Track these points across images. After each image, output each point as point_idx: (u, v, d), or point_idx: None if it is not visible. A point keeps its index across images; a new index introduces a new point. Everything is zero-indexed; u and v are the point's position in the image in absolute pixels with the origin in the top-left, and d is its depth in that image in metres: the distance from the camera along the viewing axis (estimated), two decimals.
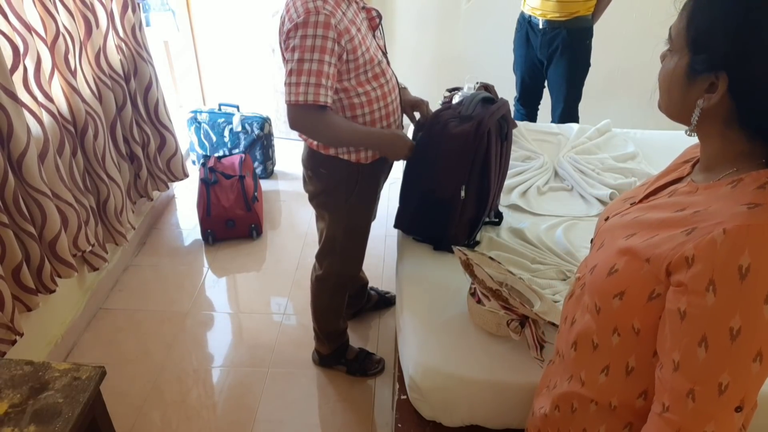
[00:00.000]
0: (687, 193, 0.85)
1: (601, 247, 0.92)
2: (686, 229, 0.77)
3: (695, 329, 0.74)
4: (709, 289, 0.72)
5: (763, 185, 0.75)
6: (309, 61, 1.52)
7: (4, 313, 1.72)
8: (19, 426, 1.13)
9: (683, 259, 0.74)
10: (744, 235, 0.70)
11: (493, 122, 1.76)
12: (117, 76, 2.32)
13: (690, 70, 0.79)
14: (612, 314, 0.86)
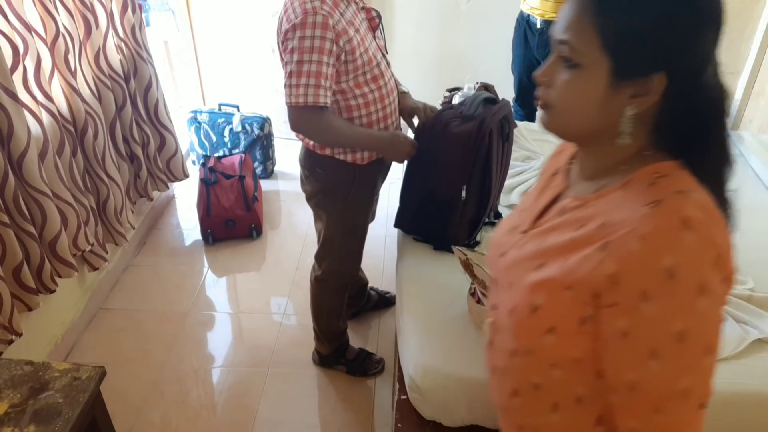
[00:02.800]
0: (578, 208, 0.81)
1: (511, 286, 0.85)
2: (598, 245, 0.72)
3: (641, 344, 0.70)
4: (642, 300, 0.69)
5: (653, 181, 0.73)
6: (308, 62, 1.52)
7: (2, 313, 1.72)
8: (19, 426, 1.13)
9: (607, 278, 0.71)
10: (659, 235, 0.68)
11: (495, 122, 1.76)
12: (117, 76, 2.32)
13: (614, 79, 0.72)
14: (547, 351, 0.80)
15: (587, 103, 0.75)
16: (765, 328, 1.67)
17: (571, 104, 0.76)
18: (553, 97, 0.77)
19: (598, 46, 0.71)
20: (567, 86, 0.75)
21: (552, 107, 0.78)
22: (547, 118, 0.80)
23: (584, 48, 0.72)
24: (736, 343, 1.63)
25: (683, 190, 0.71)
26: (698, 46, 0.71)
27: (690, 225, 0.67)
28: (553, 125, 0.80)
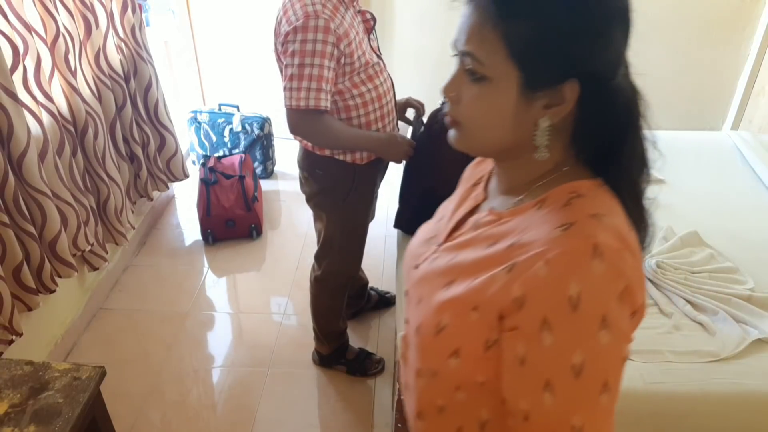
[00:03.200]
0: (492, 224, 0.77)
1: (420, 302, 0.80)
2: (506, 266, 0.68)
3: (537, 374, 0.66)
4: (543, 328, 0.64)
5: (568, 201, 0.69)
6: (310, 65, 1.52)
7: (2, 313, 1.72)
8: (19, 426, 1.13)
9: (512, 301, 0.66)
10: (567, 261, 0.63)
11: None
12: (117, 76, 2.32)
13: (525, 90, 0.68)
14: (451, 374, 0.76)
15: (499, 117, 0.70)
16: (765, 328, 1.67)
17: (482, 120, 0.71)
18: (462, 114, 0.72)
19: (504, 57, 0.66)
20: (475, 101, 0.70)
21: (462, 124, 0.73)
22: (457, 136, 0.75)
23: (490, 59, 0.67)
24: (736, 343, 1.63)
25: (598, 214, 0.67)
26: (608, 49, 0.68)
27: (600, 253, 0.63)
28: (465, 144, 0.75)
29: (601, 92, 0.68)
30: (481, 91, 0.69)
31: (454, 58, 0.73)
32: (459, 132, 0.74)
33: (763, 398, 1.51)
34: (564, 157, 0.74)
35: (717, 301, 1.77)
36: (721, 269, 1.92)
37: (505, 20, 0.66)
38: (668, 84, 3.59)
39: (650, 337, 1.66)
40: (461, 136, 0.75)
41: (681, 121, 3.54)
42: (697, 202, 2.28)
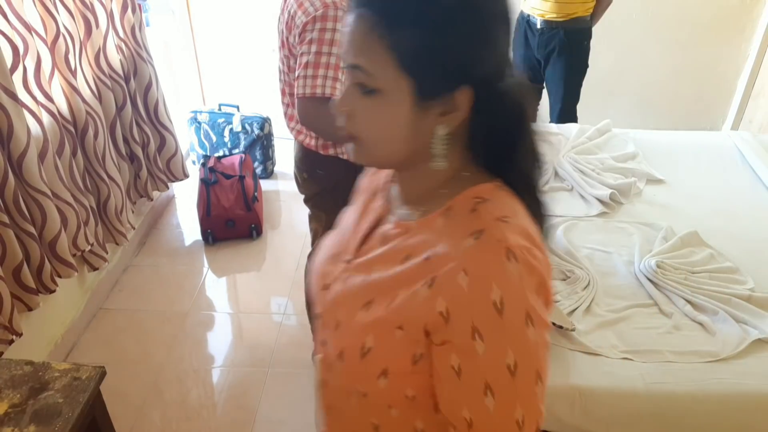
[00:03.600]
0: (401, 236, 0.76)
1: (339, 326, 0.78)
2: (425, 281, 0.69)
3: (476, 381, 0.68)
4: (475, 337, 0.66)
5: (474, 207, 0.71)
6: (327, 54, 1.53)
7: (2, 313, 1.72)
8: (19, 426, 1.13)
9: (438, 315, 0.67)
10: (485, 269, 0.66)
11: None
12: (117, 76, 2.32)
13: (418, 99, 0.67)
14: (381, 394, 0.76)
15: (394, 129, 0.70)
16: (765, 328, 1.67)
17: (378, 133, 0.71)
18: (358, 129, 0.71)
19: (394, 67, 0.65)
20: (369, 115, 0.69)
21: (359, 139, 0.72)
22: (356, 150, 0.74)
23: (379, 71, 0.66)
24: (736, 343, 1.63)
25: (504, 217, 0.69)
26: (495, 52, 0.68)
27: (513, 255, 0.66)
28: (364, 158, 0.75)
29: (492, 95, 0.68)
30: (374, 104, 0.68)
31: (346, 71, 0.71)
32: (357, 146, 0.73)
33: (763, 398, 1.51)
34: (462, 162, 0.74)
35: (717, 301, 1.77)
36: (721, 269, 1.92)
37: (390, 30, 0.64)
38: (668, 84, 3.59)
39: (650, 337, 1.66)
40: (360, 150, 0.73)
41: (681, 121, 3.54)
42: (697, 202, 2.28)
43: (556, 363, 1.56)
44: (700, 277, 1.87)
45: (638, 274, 1.89)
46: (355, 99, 0.69)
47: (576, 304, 1.75)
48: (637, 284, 1.86)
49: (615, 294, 1.83)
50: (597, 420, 1.53)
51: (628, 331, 1.68)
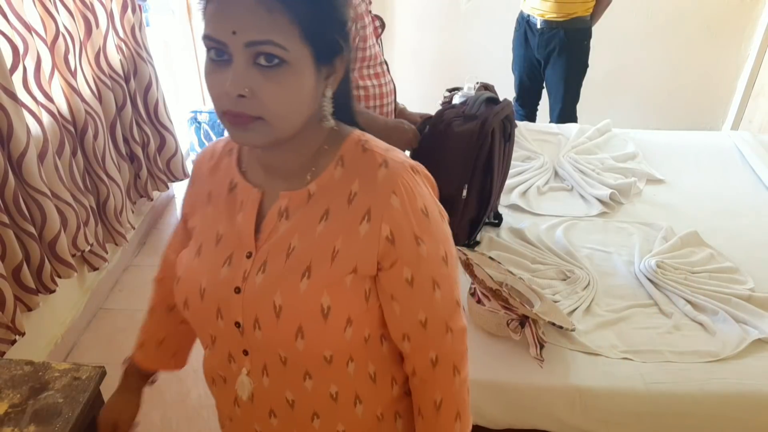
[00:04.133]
0: (304, 203, 0.80)
1: (281, 311, 0.78)
2: (360, 217, 0.77)
3: (426, 281, 0.80)
4: (419, 243, 0.78)
5: (364, 148, 0.80)
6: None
7: (5, 313, 1.72)
8: (19, 426, 1.13)
9: (385, 241, 0.77)
10: (406, 186, 0.77)
11: (498, 122, 1.76)
12: (117, 76, 2.32)
13: (317, 66, 0.73)
14: (347, 347, 0.81)
15: (302, 98, 0.73)
16: (765, 328, 1.67)
17: (288, 106, 0.72)
18: (263, 107, 0.70)
19: (298, 38, 0.69)
20: (276, 89, 0.70)
21: (264, 118, 0.71)
22: (259, 132, 0.72)
23: (288, 42, 0.69)
24: (736, 343, 1.63)
25: (388, 148, 0.81)
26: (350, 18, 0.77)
27: (416, 170, 0.81)
28: (270, 136, 0.73)
29: (348, 51, 0.77)
30: (280, 77, 0.70)
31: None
32: (262, 127, 0.72)
33: (763, 398, 1.51)
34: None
35: (717, 301, 1.77)
36: (721, 269, 1.92)
37: (292, 3, 0.68)
38: (668, 84, 3.59)
39: (650, 337, 1.66)
40: (266, 130, 0.72)
41: (681, 121, 3.54)
42: (697, 202, 2.28)
43: (556, 363, 1.56)
44: (700, 277, 1.87)
45: (638, 274, 1.89)
46: (254, 76, 0.69)
47: (576, 304, 1.75)
48: (637, 284, 1.86)
49: (615, 294, 1.83)
50: (597, 420, 1.53)
51: (628, 331, 1.68)
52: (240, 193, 0.85)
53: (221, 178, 0.87)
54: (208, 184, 0.89)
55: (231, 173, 0.86)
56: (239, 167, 0.86)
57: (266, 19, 0.68)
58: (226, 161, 0.88)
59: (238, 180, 0.85)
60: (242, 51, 0.69)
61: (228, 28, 0.68)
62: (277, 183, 0.82)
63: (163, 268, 1.06)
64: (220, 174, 0.88)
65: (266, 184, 0.83)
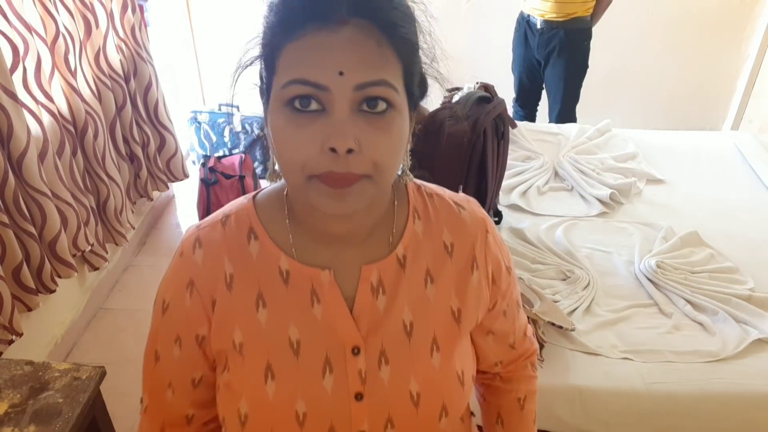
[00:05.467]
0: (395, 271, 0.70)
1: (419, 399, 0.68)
2: (465, 268, 0.73)
3: (514, 307, 0.80)
4: (509, 272, 0.78)
5: (424, 194, 0.76)
6: None
7: (3, 313, 1.72)
8: (19, 426, 1.13)
9: (492, 283, 0.75)
10: (488, 218, 0.77)
11: (489, 121, 1.76)
12: (117, 76, 2.31)
13: (410, 112, 0.63)
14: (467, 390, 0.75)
15: (404, 148, 0.64)
16: (765, 328, 1.67)
17: (396, 159, 0.62)
18: (372, 163, 0.58)
19: (401, 77, 0.59)
20: (389, 139, 0.59)
21: (372, 176, 0.59)
22: (363, 194, 0.59)
23: (397, 82, 0.59)
24: (736, 343, 1.63)
25: (437, 186, 0.79)
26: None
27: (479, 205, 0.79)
28: (372, 197, 0.61)
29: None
30: (390, 125, 0.59)
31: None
32: (367, 187, 0.59)
33: (763, 398, 1.51)
34: None
35: (717, 301, 1.77)
36: (721, 269, 1.92)
37: (395, 40, 0.58)
38: (668, 84, 3.59)
39: (650, 337, 1.66)
40: (370, 190, 0.60)
41: (681, 121, 3.54)
42: (697, 202, 2.28)
43: (556, 363, 1.56)
44: (700, 277, 1.87)
45: (638, 274, 1.89)
46: (360, 126, 0.57)
47: (576, 304, 1.75)
48: (637, 284, 1.86)
49: (615, 294, 1.83)
50: (597, 420, 1.53)
51: (628, 331, 1.68)
52: (301, 282, 0.69)
53: (257, 271, 0.70)
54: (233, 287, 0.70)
55: (273, 259, 0.70)
56: (281, 249, 0.70)
57: (377, 55, 0.57)
58: (251, 248, 0.70)
59: (289, 266, 0.69)
60: (349, 96, 0.56)
61: (332, 68, 0.55)
62: (348, 256, 0.69)
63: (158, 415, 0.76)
64: (253, 268, 0.70)
65: (332, 260, 0.69)
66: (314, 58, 0.56)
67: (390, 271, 0.70)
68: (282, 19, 0.58)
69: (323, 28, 0.55)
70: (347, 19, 0.56)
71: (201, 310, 0.71)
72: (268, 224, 0.72)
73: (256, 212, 0.74)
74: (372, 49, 0.56)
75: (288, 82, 0.57)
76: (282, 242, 0.70)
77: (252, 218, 0.73)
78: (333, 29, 0.55)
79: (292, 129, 0.58)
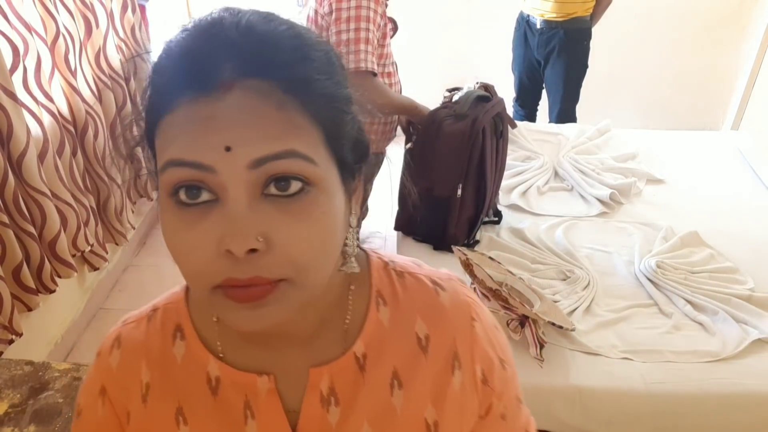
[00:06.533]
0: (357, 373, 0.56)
1: None
2: (448, 367, 0.57)
3: (513, 405, 0.64)
4: (504, 367, 0.61)
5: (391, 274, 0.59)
6: (365, 30, 1.60)
7: (3, 313, 1.72)
8: (19, 426, 1.13)
9: (481, 384, 0.59)
10: (476, 301, 0.61)
11: (488, 120, 1.77)
12: (117, 76, 2.32)
13: (343, 185, 0.49)
14: None
15: (336, 235, 0.48)
16: (765, 328, 1.67)
17: (323, 252, 0.47)
18: (288, 262, 0.44)
19: (323, 143, 0.46)
20: (309, 227, 0.45)
21: (290, 278, 0.45)
22: (284, 303, 0.46)
23: (314, 152, 0.45)
24: (736, 343, 1.63)
25: (414, 261, 0.63)
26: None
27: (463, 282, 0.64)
28: (297, 303, 0.47)
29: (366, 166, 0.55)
30: (310, 208, 0.45)
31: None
32: (288, 292, 0.46)
33: (763, 398, 1.51)
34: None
35: (717, 301, 1.77)
36: (721, 269, 1.92)
37: (308, 97, 0.45)
38: (668, 84, 3.59)
39: (650, 337, 1.66)
40: (293, 296, 0.46)
41: (681, 121, 3.54)
42: (697, 202, 2.28)
43: (556, 363, 1.56)
44: (700, 277, 1.87)
45: (638, 274, 1.89)
46: (266, 215, 0.43)
47: (576, 304, 1.75)
48: (637, 284, 1.86)
49: (615, 294, 1.83)
50: (597, 420, 1.53)
51: (628, 331, 1.69)
52: (232, 392, 0.57)
53: (180, 380, 0.58)
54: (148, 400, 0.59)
55: (199, 364, 0.58)
56: (210, 351, 0.58)
57: (279, 121, 0.43)
58: (176, 350, 0.58)
59: (219, 371, 0.57)
60: (244, 178, 0.43)
61: (216, 143, 0.42)
62: (292, 357, 0.56)
63: None
64: (174, 375, 0.58)
65: (272, 364, 0.57)
66: (193, 133, 0.43)
67: (345, 375, 0.56)
68: (156, 88, 0.47)
69: (202, 96, 0.43)
70: (233, 83, 0.43)
71: (114, 423, 0.60)
72: (199, 321, 0.59)
73: (187, 305, 0.60)
74: (271, 116, 0.43)
75: (164, 165, 0.44)
76: (212, 343, 0.58)
77: (181, 313, 0.59)
78: (215, 96, 0.43)
79: (179, 229, 0.44)
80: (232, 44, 0.43)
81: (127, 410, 0.59)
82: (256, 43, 0.44)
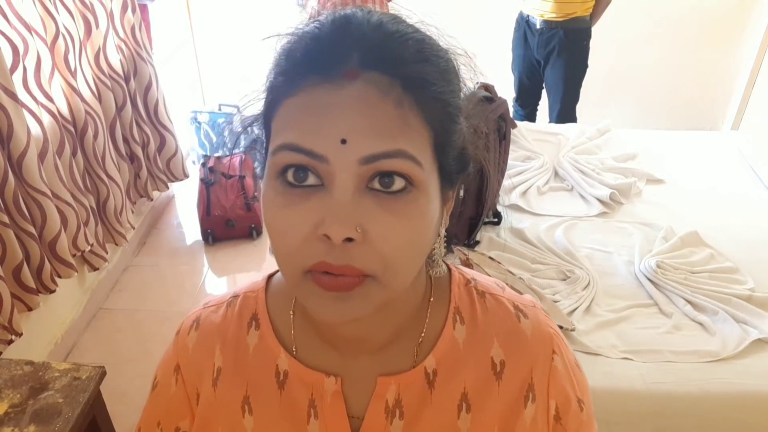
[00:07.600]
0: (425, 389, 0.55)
1: None
2: (522, 398, 0.55)
3: None
4: (581, 408, 0.59)
5: (471, 288, 0.58)
6: None
7: (2, 313, 1.72)
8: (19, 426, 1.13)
9: (553, 421, 0.57)
10: (559, 334, 0.59)
11: (491, 121, 1.77)
12: (117, 76, 2.32)
13: (442, 191, 0.50)
14: None
15: (428, 239, 0.49)
16: (765, 328, 1.67)
17: (413, 253, 0.48)
18: (379, 257, 0.45)
19: (430, 148, 0.46)
20: (405, 227, 0.45)
21: (376, 275, 0.46)
22: (366, 298, 0.46)
23: (422, 154, 0.45)
24: (736, 343, 1.63)
25: (497, 281, 0.61)
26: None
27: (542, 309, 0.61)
28: (378, 302, 0.47)
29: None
30: (409, 209, 0.45)
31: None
32: (372, 289, 0.46)
33: (763, 398, 1.51)
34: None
35: (717, 301, 1.77)
36: (721, 269, 1.92)
37: (424, 92, 0.45)
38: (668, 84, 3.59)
39: (650, 337, 1.66)
40: (376, 294, 0.46)
41: (681, 121, 3.54)
42: (697, 202, 2.28)
43: None
44: (700, 277, 1.87)
45: (638, 274, 1.89)
46: (367, 209, 0.44)
47: (576, 304, 1.75)
48: (637, 284, 1.86)
49: (615, 294, 1.83)
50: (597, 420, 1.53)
51: (628, 331, 1.68)
52: (298, 389, 0.57)
53: (250, 369, 0.59)
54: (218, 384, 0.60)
55: (270, 356, 0.58)
56: (282, 344, 0.58)
57: (395, 119, 0.44)
58: (249, 338, 0.59)
59: (289, 365, 0.57)
60: (353, 170, 0.44)
61: (333, 135, 0.43)
62: (362, 363, 0.56)
63: None
64: (245, 363, 0.59)
65: (342, 366, 0.56)
66: (311, 120, 0.44)
67: (413, 389, 0.55)
68: (282, 69, 0.47)
69: (325, 82, 0.44)
70: (358, 73, 0.44)
71: (185, 401, 0.62)
72: (275, 313, 0.60)
73: (266, 296, 0.62)
74: (388, 112, 0.43)
75: (278, 147, 0.45)
76: (286, 336, 0.58)
77: (259, 303, 0.61)
78: (338, 84, 0.44)
79: (281, 207, 0.45)
80: (362, 36, 0.45)
81: (198, 391, 0.60)
82: (383, 38, 0.45)
